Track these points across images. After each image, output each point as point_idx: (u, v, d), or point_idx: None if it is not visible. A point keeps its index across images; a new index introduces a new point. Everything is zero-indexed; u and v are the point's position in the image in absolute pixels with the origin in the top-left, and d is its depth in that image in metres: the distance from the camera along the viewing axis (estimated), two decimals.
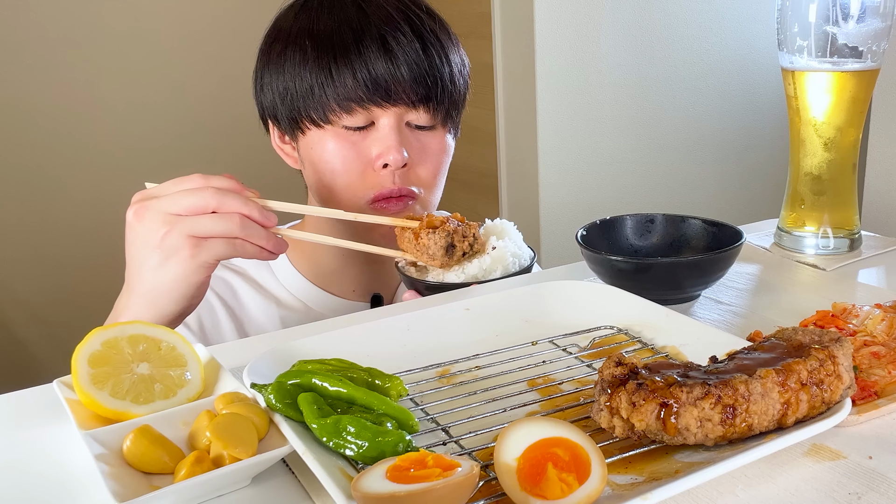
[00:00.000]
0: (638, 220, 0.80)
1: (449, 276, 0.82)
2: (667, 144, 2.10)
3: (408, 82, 0.88)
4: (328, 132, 0.91)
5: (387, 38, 0.88)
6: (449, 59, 0.93)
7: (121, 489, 0.43)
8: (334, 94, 0.88)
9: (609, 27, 1.94)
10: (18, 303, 2.53)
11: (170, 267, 0.72)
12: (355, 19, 0.89)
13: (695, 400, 0.44)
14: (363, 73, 0.87)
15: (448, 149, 0.98)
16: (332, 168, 0.92)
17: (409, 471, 0.41)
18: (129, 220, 0.74)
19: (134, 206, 0.74)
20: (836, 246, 0.84)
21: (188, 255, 0.72)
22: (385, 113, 0.90)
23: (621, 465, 0.46)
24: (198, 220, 0.72)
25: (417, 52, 0.89)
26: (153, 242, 0.72)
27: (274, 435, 0.49)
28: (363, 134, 0.91)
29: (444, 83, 0.92)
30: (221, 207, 0.72)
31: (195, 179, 0.73)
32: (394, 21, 0.89)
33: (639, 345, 0.61)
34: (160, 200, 0.72)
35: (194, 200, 0.71)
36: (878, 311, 0.61)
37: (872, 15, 0.76)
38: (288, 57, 0.91)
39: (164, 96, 2.62)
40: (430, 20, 0.93)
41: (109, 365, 0.53)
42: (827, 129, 0.82)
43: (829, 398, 0.47)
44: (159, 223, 0.71)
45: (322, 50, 0.89)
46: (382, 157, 0.90)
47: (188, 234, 0.71)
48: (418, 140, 0.93)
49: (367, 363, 0.55)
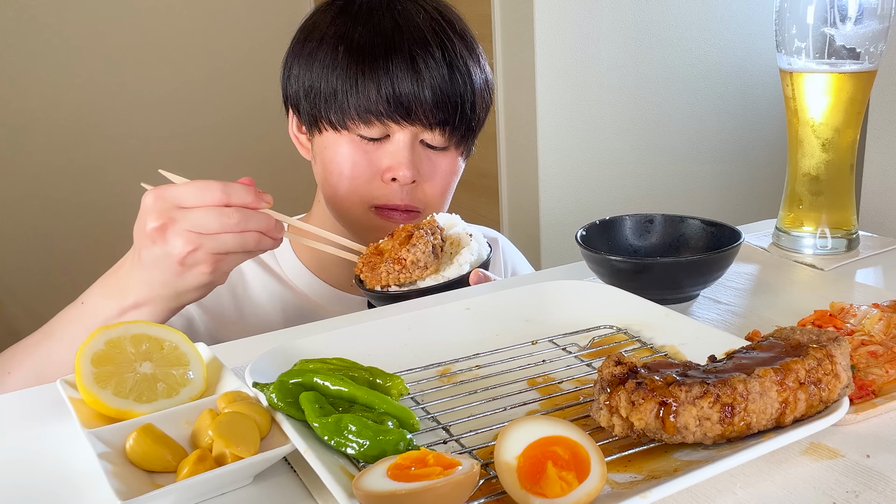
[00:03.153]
0: (637, 220, 0.81)
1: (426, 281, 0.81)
2: (666, 145, 2.10)
3: (429, 104, 0.90)
4: (344, 137, 0.93)
5: (416, 58, 0.90)
6: (473, 86, 0.94)
7: (124, 487, 0.43)
8: (356, 104, 0.90)
9: (609, 29, 1.95)
10: (22, 303, 2.53)
11: (188, 278, 0.74)
12: (390, 34, 0.90)
13: (693, 399, 0.45)
14: (388, 90, 0.89)
15: (458, 170, 0.99)
16: (341, 171, 0.93)
17: (409, 469, 0.41)
18: (151, 227, 0.72)
19: (156, 208, 0.72)
20: (834, 246, 0.85)
21: (209, 270, 0.73)
22: (401, 129, 0.91)
23: (620, 464, 0.46)
24: (222, 239, 0.73)
25: (444, 77, 0.91)
26: (176, 257, 0.72)
27: (276, 434, 0.49)
28: (377, 145, 0.93)
29: (465, 110, 0.93)
30: (245, 227, 0.73)
31: (215, 190, 0.72)
32: (426, 42, 0.91)
33: (638, 344, 0.62)
34: (186, 216, 0.71)
35: (221, 222, 0.72)
36: (876, 311, 0.62)
37: (870, 17, 0.76)
38: (319, 57, 0.92)
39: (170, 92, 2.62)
40: (462, 43, 0.95)
41: (112, 364, 0.53)
42: (825, 129, 0.82)
43: (827, 397, 0.47)
44: (185, 241, 0.72)
45: (352, 58, 0.90)
46: (392, 171, 0.91)
47: (212, 253, 0.73)
48: (430, 159, 0.95)
49: (368, 362, 0.55)
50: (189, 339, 0.57)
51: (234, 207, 0.73)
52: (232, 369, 0.57)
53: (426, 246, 0.79)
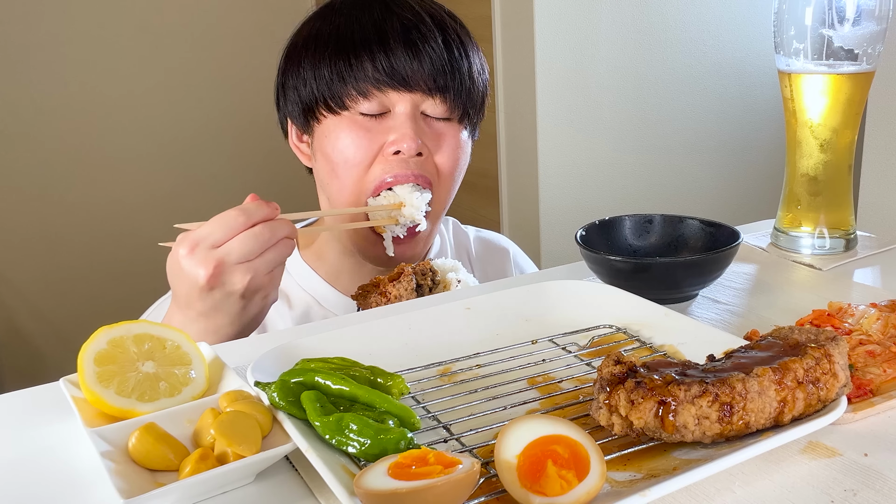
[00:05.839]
0: (636, 220, 0.81)
1: None
2: (665, 146, 2.10)
3: (426, 71, 0.89)
4: (343, 119, 0.91)
5: (409, 30, 0.89)
6: (468, 56, 0.94)
7: (126, 486, 0.44)
8: (353, 80, 0.89)
9: (608, 30, 1.95)
10: (25, 302, 2.53)
11: (251, 308, 0.77)
12: (380, 18, 0.90)
13: (692, 398, 0.45)
14: (383, 62, 0.88)
15: (464, 145, 0.97)
16: (345, 157, 0.91)
17: (410, 468, 0.41)
18: (205, 277, 0.73)
19: (197, 258, 0.73)
20: (832, 246, 0.85)
21: (267, 292, 0.77)
22: (401, 99, 0.90)
23: (620, 463, 0.46)
24: (267, 258, 0.75)
25: (438, 44, 0.90)
26: (238, 292, 0.74)
27: (277, 432, 0.49)
28: (378, 121, 0.91)
29: (463, 76, 0.92)
30: (276, 238, 0.75)
31: (237, 216, 0.74)
32: (418, 15, 0.91)
33: (637, 343, 0.62)
34: (229, 252, 0.73)
35: (259, 242, 0.74)
36: (874, 311, 0.62)
37: (868, 18, 0.77)
38: (309, 54, 0.92)
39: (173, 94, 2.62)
40: (453, 21, 0.95)
41: (115, 363, 0.53)
42: (823, 130, 0.82)
43: (825, 396, 0.47)
44: (241, 273, 0.74)
45: (342, 45, 0.90)
46: (396, 143, 0.89)
47: (266, 273, 0.75)
48: (433, 129, 0.93)
49: (369, 362, 0.55)
50: (191, 339, 0.57)
51: (259, 225, 0.74)
52: (234, 368, 0.57)
53: (409, 284, 0.83)
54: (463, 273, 0.88)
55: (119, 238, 2.54)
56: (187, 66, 2.63)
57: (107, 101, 2.54)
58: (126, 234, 2.55)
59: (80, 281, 2.54)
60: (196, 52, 2.63)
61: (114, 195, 2.57)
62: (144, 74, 2.57)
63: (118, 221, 2.56)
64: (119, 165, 2.58)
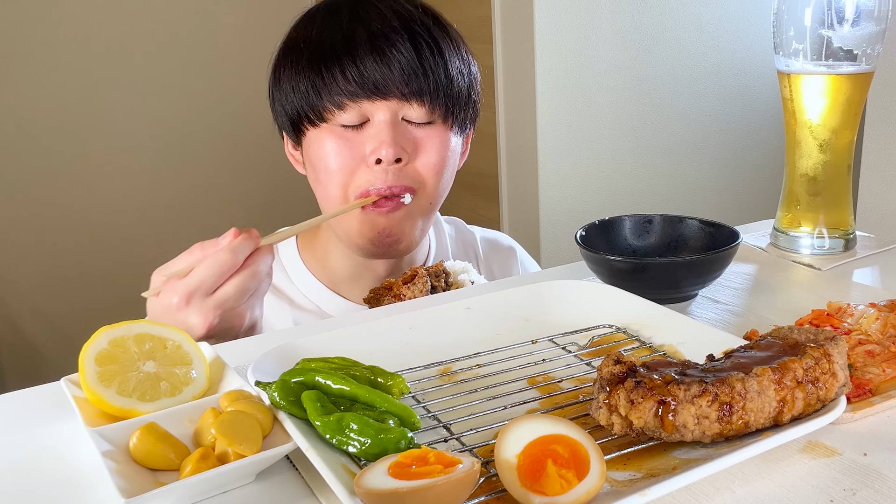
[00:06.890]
0: (636, 220, 0.81)
1: None
2: (665, 146, 2.11)
3: (397, 77, 0.88)
4: (324, 130, 0.91)
5: (377, 37, 0.88)
6: (443, 55, 0.92)
7: (127, 485, 0.44)
8: (327, 93, 0.89)
9: (608, 31, 1.95)
10: (26, 302, 2.53)
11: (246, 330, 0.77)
12: (348, 25, 0.90)
13: (692, 398, 0.45)
14: (352, 71, 0.88)
15: (451, 145, 0.95)
16: (327, 166, 0.91)
17: (410, 467, 0.41)
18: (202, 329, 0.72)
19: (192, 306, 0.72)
20: (832, 246, 0.85)
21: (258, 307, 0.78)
22: (377, 108, 0.89)
23: (620, 462, 0.46)
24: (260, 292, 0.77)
25: (407, 47, 0.89)
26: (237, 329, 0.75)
27: (278, 432, 0.49)
28: (358, 131, 0.90)
29: (438, 77, 0.91)
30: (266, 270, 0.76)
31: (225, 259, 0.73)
32: (385, 20, 0.90)
33: (637, 343, 0.62)
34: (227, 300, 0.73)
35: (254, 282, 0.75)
36: (873, 310, 0.62)
37: (867, 18, 0.77)
38: (288, 66, 0.92)
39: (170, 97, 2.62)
40: (427, 19, 0.93)
41: (116, 363, 0.53)
42: (822, 131, 0.82)
43: (825, 396, 0.47)
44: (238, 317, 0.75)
45: (315, 56, 0.90)
46: (374, 152, 0.89)
47: (259, 306, 0.77)
48: (413, 134, 0.92)
49: (369, 361, 0.55)
50: (192, 339, 0.58)
51: (249, 266, 0.74)
52: (234, 368, 0.57)
53: (424, 285, 0.83)
54: (474, 274, 0.88)
55: (120, 238, 2.54)
56: (190, 69, 2.63)
57: (109, 100, 2.54)
58: (127, 234, 2.55)
59: (81, 281, 2.54)
60: (198, 56, 2.64)
61: (115, 196, 2.57)
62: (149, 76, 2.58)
63: (119, 222, 2.56)
64: (120, 166, 2.58)
